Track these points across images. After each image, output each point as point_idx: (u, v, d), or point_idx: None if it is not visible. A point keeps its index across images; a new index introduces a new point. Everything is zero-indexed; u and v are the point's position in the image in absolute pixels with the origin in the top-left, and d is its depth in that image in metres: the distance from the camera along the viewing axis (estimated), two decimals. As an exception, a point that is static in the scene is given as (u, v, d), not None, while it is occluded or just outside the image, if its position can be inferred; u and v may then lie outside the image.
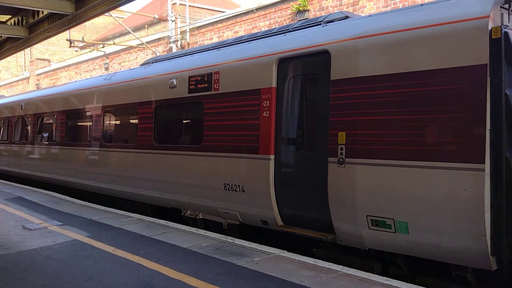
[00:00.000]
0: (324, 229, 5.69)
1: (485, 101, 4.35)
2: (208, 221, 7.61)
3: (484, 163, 4.31)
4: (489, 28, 4.40)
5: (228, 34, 15.84)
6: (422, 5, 5.23)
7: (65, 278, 4.81)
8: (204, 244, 6.09)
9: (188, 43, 17.67)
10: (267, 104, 6.29)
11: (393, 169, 4.93)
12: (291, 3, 13.73)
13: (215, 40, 16.16)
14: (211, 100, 7.21)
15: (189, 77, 7.66)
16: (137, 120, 8.89)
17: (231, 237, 6.49)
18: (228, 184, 6.76)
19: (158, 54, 18.65)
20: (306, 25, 6.69)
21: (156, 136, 8.38)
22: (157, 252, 5.72)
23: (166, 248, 5.96)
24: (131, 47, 20.38)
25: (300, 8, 13.36)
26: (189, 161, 7.56)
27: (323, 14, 11.95)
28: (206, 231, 6.90)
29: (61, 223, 7.57)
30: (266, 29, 13.51)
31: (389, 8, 11.27)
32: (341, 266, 5.13)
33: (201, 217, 7.68)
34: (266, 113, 6.29)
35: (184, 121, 8.31)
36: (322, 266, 5.10)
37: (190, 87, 7.62)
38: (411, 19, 5.07)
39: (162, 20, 19.12)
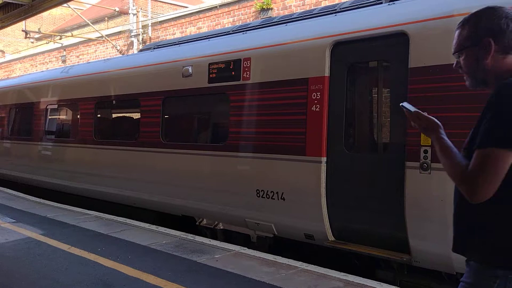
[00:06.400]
0: (392, 246, 4.79)
1: None
2: (230, 233, 6.54)
3: None
4: None
5: (191, 30, 15.70)
6: None
7: (18, 277, 4.65)
8: (164, 242, 6.03)
9: (150, 38, 17.38)
10: (317, 96, 5.27)
11: None
12: (255, 0, 13.75)
13: (178, 35, 15.97)
14: (239, 92, 6.12)
15: (209, 64, 6.52)
16: (139, 114, 7.74)
17: (191, 235, 6.44)
18: (262, 191, 5.73)
19: (118, 48, 18.26)
20: (361, 4, 5.70)
21: (165, 133, 7.23)
22: (115, 250, 5.61)
23: (125, 245, 5.86)
24: (90, 40, 19.86)
25: (264, 6, 13.40)
26: (208, 162, 6.45)
27: (286, 13, 12.03)
28: (166, 228, 6.78)
29: (14, 220, 7.30)
30: (230, 25, 13.48)
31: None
32: (300, 262, 5.18)
33: (221, 228, 6.59)
34: (316, 107, 5.27)
35: (201, 116, 7.24)
36: (282, 263, 5.15)
37: (211, 76, 6.49)
38: None
39: (123, 13, 18.72)
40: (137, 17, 17.97)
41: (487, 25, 1.91)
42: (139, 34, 17.67)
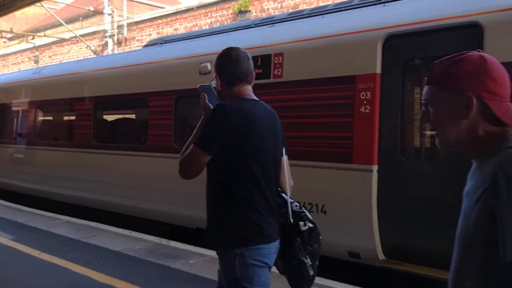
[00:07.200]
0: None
1: None
2: None
3: None
4: None
5: (168, 31, 15.56)
6: None
7: (-16, 285, 4.51)
8: (137, 247, 5.91)
9: (126, 38, 17.16)
10: (366, 96, 4.62)
11: None
12: (232, 2, 13.72)
13: (155, 36, 15.80)
14: (269, 91, 5.38)
15: None
16: (147, 115, 7.03)
17: (166, 239, 6.32)
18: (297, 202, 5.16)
19: (93, 48, 17.98)
20: None
21: (178, 136, 6.54)
22: (87, 256, 5.49)
23: (97, 251, 5.74)
24: (63, 40, 19.50)
25: (242, 9, 13.37)
26: None
27: (264, 16, 12.03)
28: (140, 233, 6.65)
29: (-18, 226, 7.10)
30: (208, 27, 13.39)
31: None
32: (274, 267, 5.11)
33: None
34: (366, 109, 4.62)
35: None
36: (258, 268, 5.09)
37: None
38: None
39: (97, 13, 18.43)
40: (112, 17, 17.71)
41: (216, 63, 2.51)
42: (114, 35, 17.43)
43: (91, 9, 18.52)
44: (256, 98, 2.53)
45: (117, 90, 7.57)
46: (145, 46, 8.59)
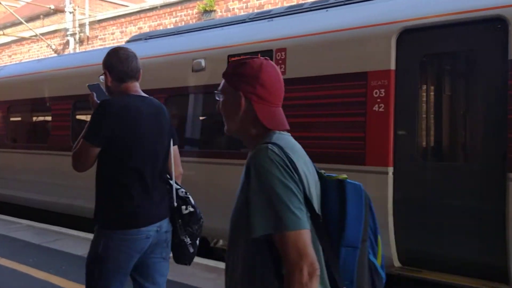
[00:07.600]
0: (480, 274, 3.95)
1: None
2: None
3: None
4: None
5: (132, 30, 15.32)
6: None
7: None
8: (101, 250, 5.80)
9: (88, 37, 16.80)
10: (380, 94, 4.37)
11: None
12: (197, 2, 13.64)
13: (118, 35, 15.52)
14: None
15: (228, 56, 5.51)
16: None
17: (131, 242, 6.22)
18: None
19: (54, 47, 17.50)
20: None
21: None
22: (48, 261, 5.37)
23: (59, 256, 5.63)
24: (23, 39, 18.92)
25: (207, 8, 13.31)
26: (227, 172, 5.34)
27: (229, 16, 12.00)
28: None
29: None
30: (173, 26, 13.26)
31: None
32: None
33: None
34: (379, 107, 4.37)
35: (217, 117, 5.62)
36: (223, 268, 5.07)
37: None
38: None
39: (59, 11, 17.94)
40: (73, 15, 17.30)
41: (105, 60, 2.67)
42: (75, 33, 17.04)
43: (52, 7, 18.01)
44: (144, 95, 2.71)
45: None
46: (128, 41, 8.22)
